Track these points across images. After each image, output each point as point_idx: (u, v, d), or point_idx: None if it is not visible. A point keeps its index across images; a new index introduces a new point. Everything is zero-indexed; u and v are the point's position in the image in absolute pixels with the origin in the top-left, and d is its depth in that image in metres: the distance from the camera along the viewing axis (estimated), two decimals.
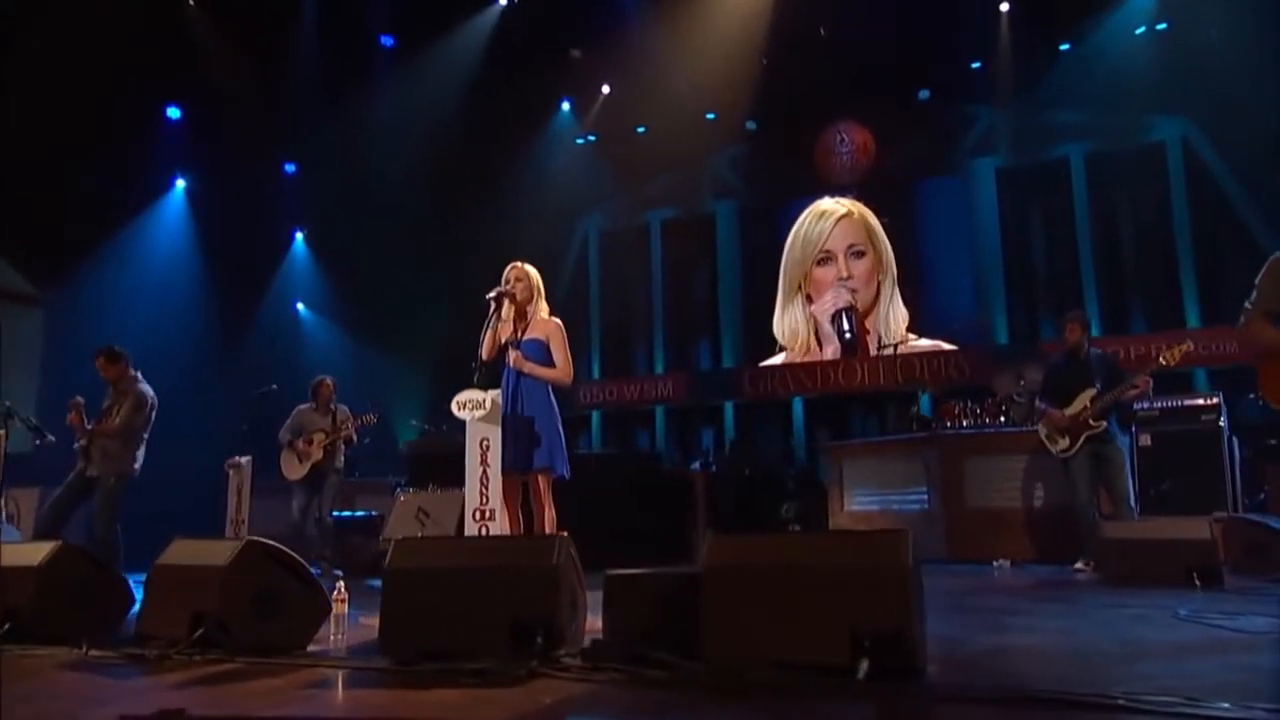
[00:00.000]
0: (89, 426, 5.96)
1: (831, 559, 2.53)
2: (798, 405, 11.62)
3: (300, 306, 12.99)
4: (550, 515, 4.25)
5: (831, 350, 11.21)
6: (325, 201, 11.69)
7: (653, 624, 2.84)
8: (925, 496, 6.74)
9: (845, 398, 11.32)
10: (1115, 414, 5.62)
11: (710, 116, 11.84)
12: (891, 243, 11.16)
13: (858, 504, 7.23)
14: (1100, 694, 2.11)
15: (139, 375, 6.17)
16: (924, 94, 11.09)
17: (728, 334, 12.17)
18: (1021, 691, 2.20)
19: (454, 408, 4.10)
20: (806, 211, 11.55)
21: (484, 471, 3.97)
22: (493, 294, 4.37)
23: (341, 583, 3.60)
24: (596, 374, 12.79)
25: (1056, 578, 5.37)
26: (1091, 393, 5.62)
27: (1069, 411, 5.66)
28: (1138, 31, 10.11)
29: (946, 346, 10.66)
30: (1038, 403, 5.94)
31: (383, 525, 7.98)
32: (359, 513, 8.13)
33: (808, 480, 9.47)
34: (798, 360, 11.31)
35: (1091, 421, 5.56)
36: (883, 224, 11.18)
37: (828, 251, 11.33)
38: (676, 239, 12.56)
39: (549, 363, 4.39)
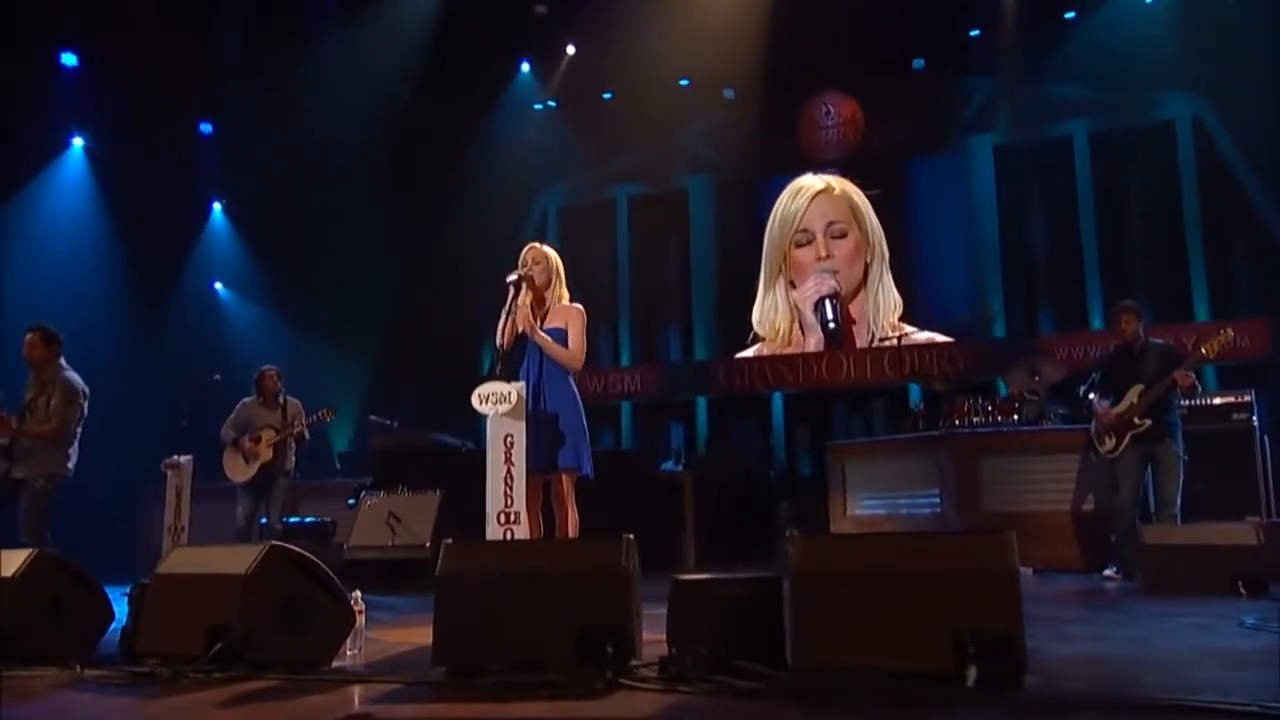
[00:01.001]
0: (14, 425, 5.87)
1: (933, 561, 2.69)
2: (777, 401, 11.86)
3: (218, 286, 12.80)
4: (574, 519, 4.37)
5: (814, 341, 11.46)
6: (249, 168, 11.54)
7: (725, 631, 2.97)
8: (937, 500, 7.00)
9: (829, 393, 11.60)
10: (1167, 413, 5.90)
11: (684, 83, 11.99)
12: (881, 221, 11.43)
13: (862, 508, 7.47)
14: (1236, 702, 2.29)
15: (65, 363, 6.08)
16: (918, 63, 11.39)
17: (701, 323, 12.35)
18: (1169, 699, 2.36)
19: (474, 401, 4.17)
20: (786, 189, 11.78)
21: (508, 471, 4.06)
22: (512, 277, 4.47)
23: (358, 592, 3.67)
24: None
25: (1088, 586, 5.65)
26: (1139, 389, 5.92)
27: (1117, 409, 5.96)
28: (1148, 0, 10.53)
29: (940, 338, 10.98)
30: (1090, 397, 6.21)
31: (335, 532, 8.02)
32: (307, 519, 8.11)
33: (798, 482, 9.70)
34: (779, 352, 11.54)
35: (1136, 420, 5.85)
36: (870, 198, 11.42)
37: (805, 231, 11.56)
38: (645, 217, 12.69)
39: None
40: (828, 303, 11.32)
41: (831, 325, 11.32)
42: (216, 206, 12.99)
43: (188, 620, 3.28)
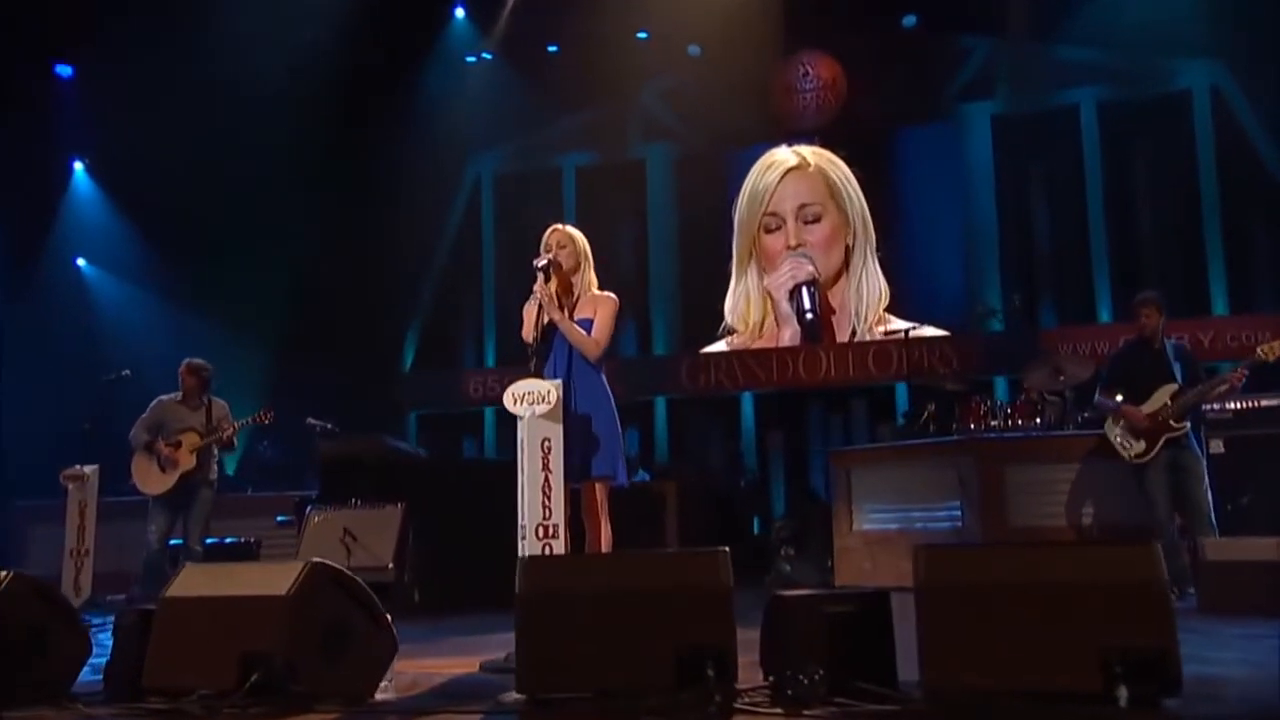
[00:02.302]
0: None
1: (1075, 575, 2.94)
2: (747, 402, 12.16)
3: (81, 263, 12.56)
4: (608, 534, 4.54)
5: (790, 334, 11.77)
6: (118, 120, 11.34)
7: (832, 651, 3.19)
8: (958, 513, 7.32)
9: (806, 393, 11.94)
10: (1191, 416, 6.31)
11: (642, 36, 12.18)
12: (866, 197, 11.76)
13: (871, 522, 7.77)
14: None
15: None
16: (908, 20, 11.74)
17: (660, 312, 12.58)
18: None
19: (508, 401, 4.31)
20: (756, 164, 12.04)
21: (546, 479, 4.21)
22: (541, 262, 4.61)
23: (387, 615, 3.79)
24: (491, 361, 12.97)
25: None
26: (1172, 388, 6.27)
27: (1145, 409, 6.31)
28: None
29: (931, 331, 11.36)
30: (1097, 397, 6.58)
31: (259, 554, 8.04)
32: (227, 539, 8.11)
33: (794, 494, 10.01)
34: (752, 346, 11.82)
35: (1173, 422, 6.23)
36: (855, 173, 11.74)
37: (774, 214, 11.84)
38: (596, 190, 12.86)
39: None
40: (805, 291, 11.62)
41: (809, 316, 11.63)
42: (78, 166, 12.73)
43: (212, 649, 3.36)
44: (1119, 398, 6.51)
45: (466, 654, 4.51)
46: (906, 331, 9.62)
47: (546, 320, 4.66)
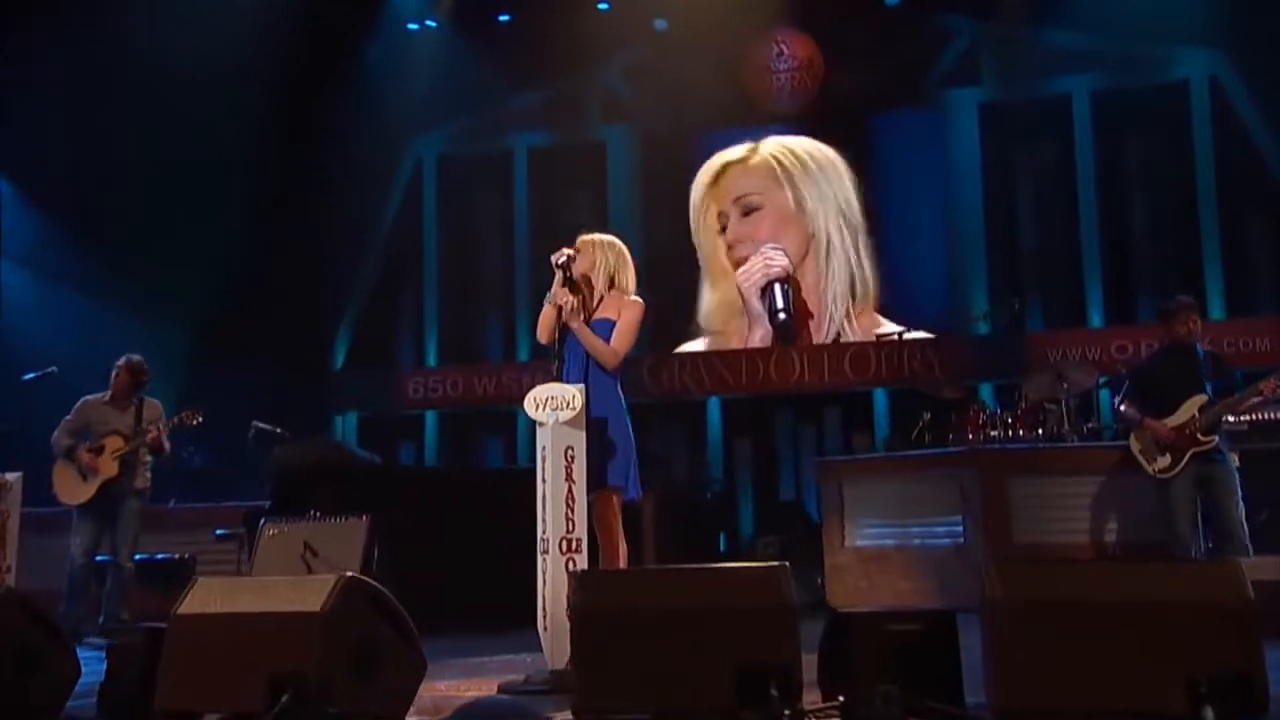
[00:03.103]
0: None
1: (1158, 593, 3.16)
2: (714, 408, 12.35)
3: None
4: (623, 548, 4.70)
5: (761, 335, 11.98)
6: (27, 107, 11.22)
7: (896, 670, 3.38)
8: (960, 529, 7.59)
9: (776, 399, 12.17)
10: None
11: (603, 7, 12.32)
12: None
13: (865, 537, 8.00)
14: None
15: None
16: None
17: None
18: None
19: (529, 406, 4.46)
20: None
21: (569, 490, 4.36)
22: (560, 258, 4.74)
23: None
24: (432, 360, 13.04)
25: None
26: (1201, 399, 6.55)
27: (1172, 422, 6.59)
28: None
29: (912, 333, 11.61)
30: (1122, 408, 6.86)
31: (195, 571, 8.03)
32: (158, 555, 8.12)
33: (774, 507, 10.23)
34: (722, 348, 12.01)
35: (1200, 436, 6.51)
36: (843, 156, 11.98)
37: (720, 214, 12.09)
38: (551, 174, 12.97)
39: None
40: (777, 288, 11.82)
41: (782, 316, 11.83)
42: None
43: (235, 668, 3.46)
44: (1125, 409, 6.82)
45: (472, 676, 4.63)
46: (900, 334, 9.86)
47: (563, 320, 4.77)
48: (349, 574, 3.57)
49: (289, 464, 7.46)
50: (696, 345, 12.22)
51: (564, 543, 4.34)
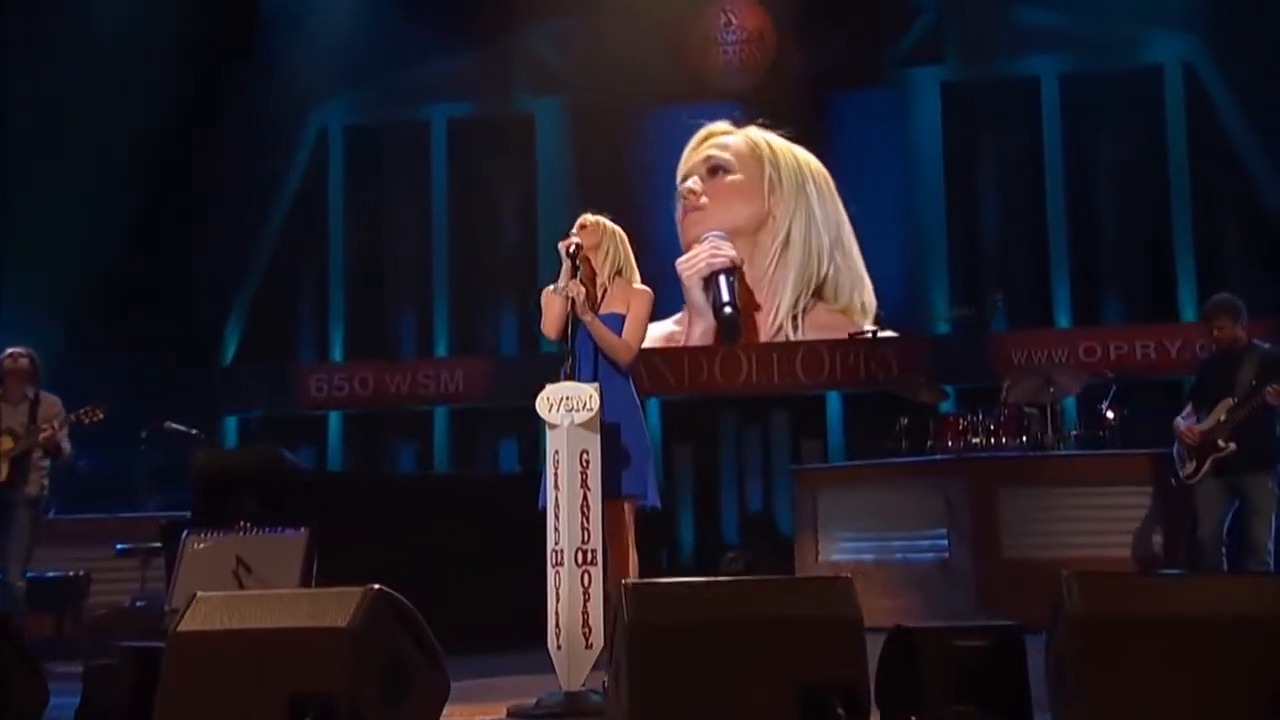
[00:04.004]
0: None
1: (1247, 607, 3.36)
2: (652, 410, 12.42)
3: None
4: (634, 560, 4.81)
5: (703, 330, 12.11)
6: None
7: (962, 690, 3.55)
8: (945, 542, 7.83)
9: (720, 401, 12.33)
10: (1262, 439, 6.90)
11: None
12: None
13: (842, 552, 8.21)
14: None
15: None
16: None
17: None
18: None
19: (541, 407, 4.54)
20: None
21: (584, 498, 4.45)
22: (569, 245, 4.82)
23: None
24: (338, 354, 12.96)
25: None
26: (1229, 403, 6.90)
27: (1202, 427, 6.94)
28: None
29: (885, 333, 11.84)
30: (1179, 420, 7.17)
31: (89, 591, 7.96)
32: (49, 573, 8.01)
33: (750, 520, 10.38)
34: (670, 344, 12.14)
35: (1220, 441, 6.85)
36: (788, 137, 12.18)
37: (686, 175, 12.21)
38: (473, 148, 12.98)
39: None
40: (722, 279, 11.94)
41: (727, 310, 11.96)
42: None
43: (249, 690, 3.49)
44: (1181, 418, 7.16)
45: (476, 699, 4.69)
46: (874, 333, 10.09)
47: (571, 312, 4.85)
48: (376, 586, 3.61)
49: (214, 470, 7.40)
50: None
51: (579, 554, 4.44)
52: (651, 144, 12.42)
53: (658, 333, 12.22)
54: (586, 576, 4.41)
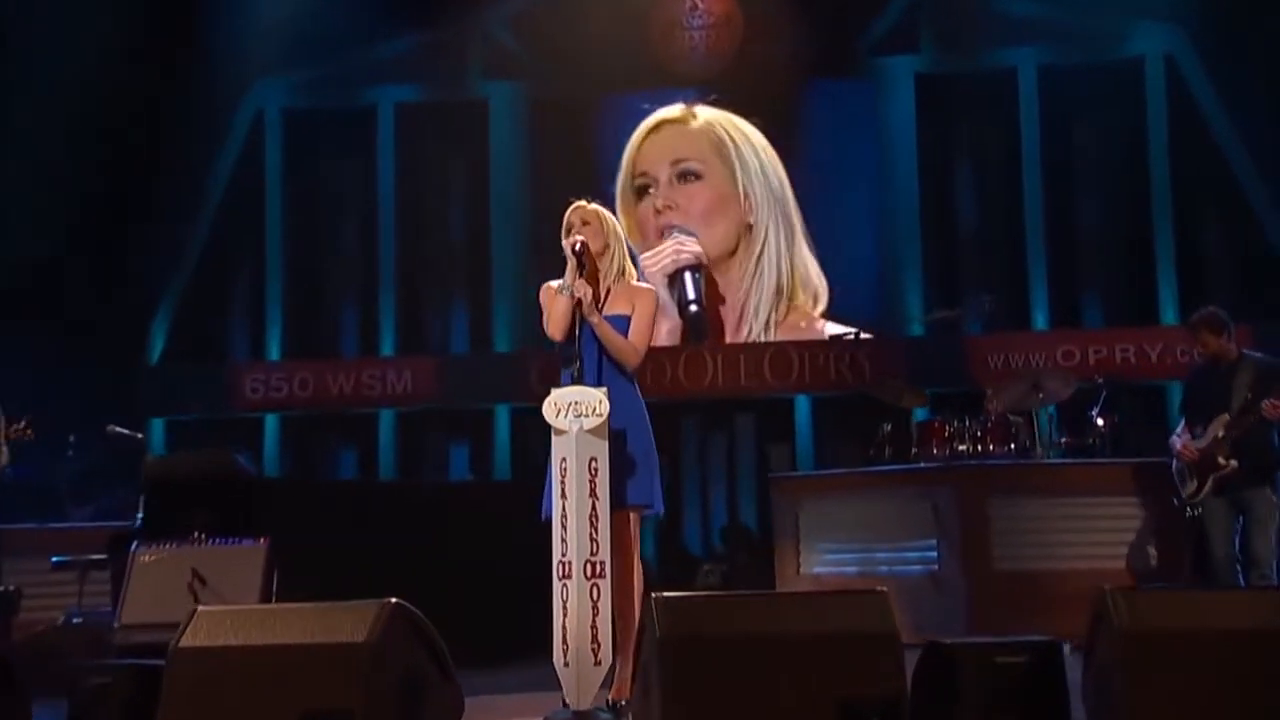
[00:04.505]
0: None
1: None
2: None
3: None
4: (639, 572, 4.89)
5: (667, 330, 12.17)
6: None
7: (998, 706, 3.65)
8: (934, 554, 7.93)
9: (683, 404, 12.40)
10: (1263, 452, 7.03)
11: None
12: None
13: (824, 564, 8.30)
14: None
15: None
16: None
17: (504, 298, 12.74)
18: None
19: (548, 412, 4.59)
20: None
21: (593, 507, 4.49)
22: (575, 243, 4.85)
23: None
24: (275, 352, 12.88)
25: None
26: (1225, 419, 7.03)
27: (1200, 444, 7.08)
28: None
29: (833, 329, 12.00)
30: (1175, 437, 7.31)
31: (19, 606, 7.87)
32: None
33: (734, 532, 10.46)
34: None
35: (1220, 459, 6.99)
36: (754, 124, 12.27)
37: (644, 174, 12.28)
38: (422, 135, 12.96)
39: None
40: (688, 276, 12.04)
41: (693, 308, 12.05)
42: None
43: (257, 707, 3.53)
44: (1176, 436, 7.32)
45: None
46: (857, 334, 10.20)
47: (578, 314, 4.88)
48: (393, 600, 3.65)
49: (165, 477, 7.35)
50: None
51: (588, 566, 4.48)
52: (612, 132, 12.45)
53: None
54: (595, 590, 4.45)
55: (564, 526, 4.55)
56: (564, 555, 4.53)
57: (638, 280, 5.32)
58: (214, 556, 6.83)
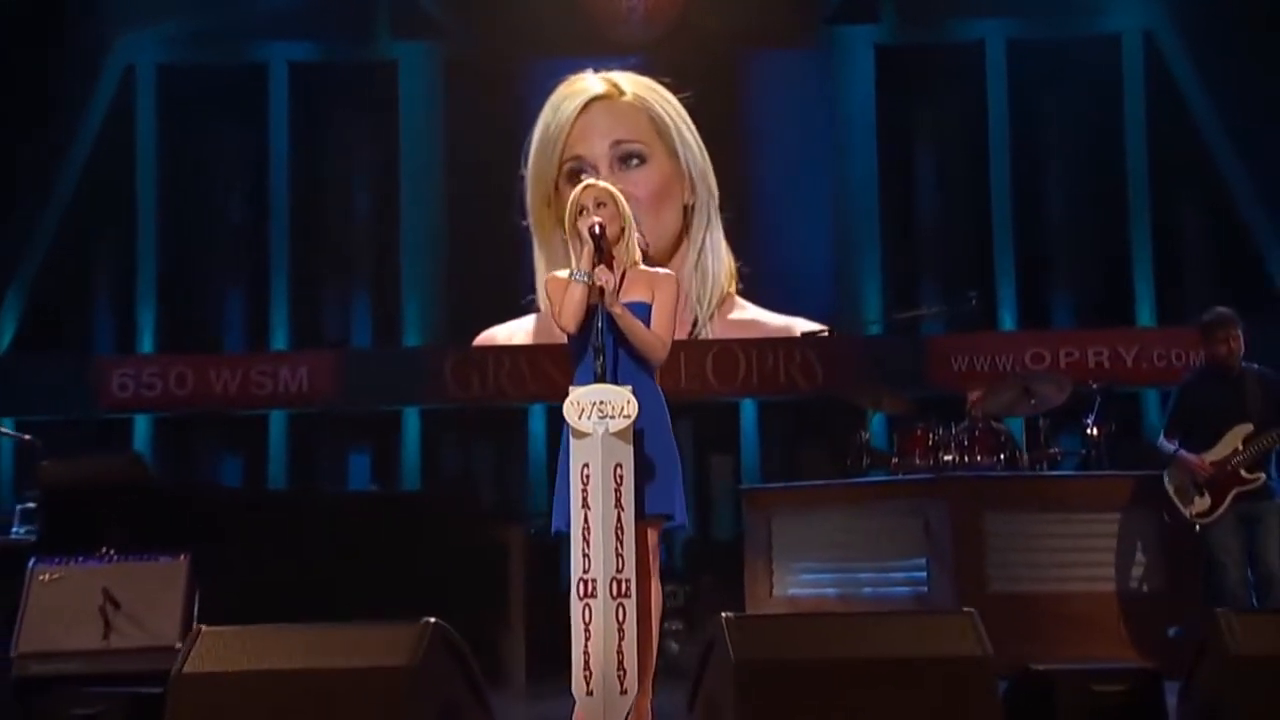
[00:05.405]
0: None
1: None
2: (537, 418, 12.46)
3: None
4: (658, 589, 4.89)
5: None
6: None
7: None
8: (923, 574, 7.96)
9: None
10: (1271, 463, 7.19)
11: None
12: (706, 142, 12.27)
13: (801, 585, 8.28)
14: None
15: None
16: None
17: (414, 288, 12.71)
18: None
19: (570, 413, 4.56)
20: (551, 96, 12.31)
21: (619, 519, 4.46)
22: (593, 225, 4.82)
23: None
24: (147, 345, 12.66)
25: None
26: (1246, 430, 7.13)
27: (1212, 456, 7.18)
28: None
29: (803, 325, 12.03)
30: (1160, 440, 7.43)
31: None
32: None
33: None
34: (555, 339, 12.11)
35: (1244, 473, 7.10)
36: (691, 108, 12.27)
37: (579, 157, 12.21)
38: (321, 99, 12.92)
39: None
40: None
41: None
42: None
43: None
44: (1165, 444, 7.40)
45: None
46: (831, 330, 10.26)
47: (595, 301, 4.85)
48: (433, 620, 3.62)
49: (67, 485, 7.18)
50: (526, 326, 12.30)
51: (614, 584, 4.44)
52: (539, 101, 12.34)
53: (526, 329, 12.31)
54: (621, 610, 4.41)
55: (586, 540, 4.50)
56: (586, 572, 4.48)
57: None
58: (127, 575, 6.70)
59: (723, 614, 3.70)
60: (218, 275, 12.95)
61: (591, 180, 5.22)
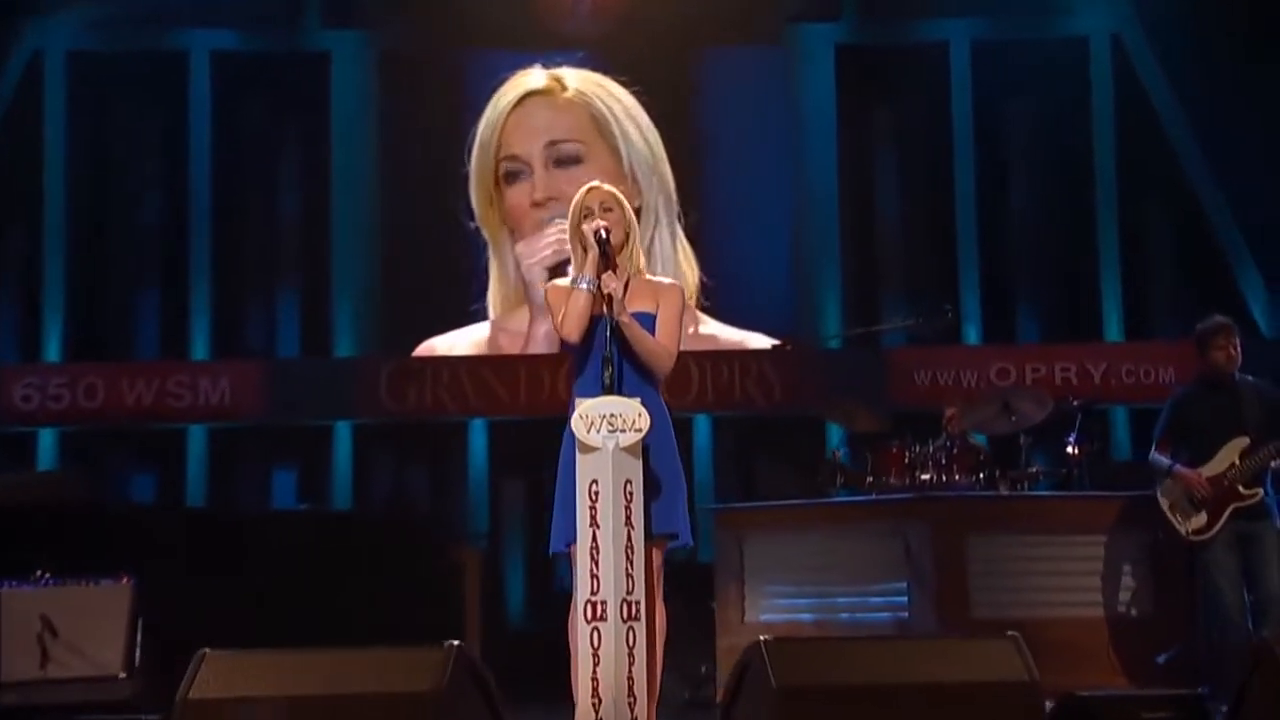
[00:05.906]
0: None
1: None
2: (477, 433, 12.45)
3: None
4: (663, 612, 4.92)
5: (545, 334, 12.15)
6: None
7: None
8: (904, 599, 8.08)
9: (561, 422, 12.33)
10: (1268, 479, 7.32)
11: None
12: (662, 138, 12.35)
13: (775, 610, 8.35)
14: None
15: None
16: None
17: (345, 292, 12.65)
18: None
19: (578, 426, 4.59)
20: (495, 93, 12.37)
21: (629, 538, 4.48)
22: (599, 229, 4.85)
23: None
24: (54, 352, 12.48)
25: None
26: (1242, 443, 7.27)
27: (1208, 471, 7.31)
28: None
29: (757, 340, 12.12)
30: (1151, 454, 7.54)
31: None
32: None
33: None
34: (500, 350, 12.14)
35: (1242, 488, 7.24)
36: (639, 97, 12.32)
37: (514, 157, 12.26)
38: (246, 91, 12.83)
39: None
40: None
41: None
42: None
43: None
44: (1158, 457, 7.52)
45: None
46: (787, 343, 10.35)
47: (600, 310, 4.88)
48: (456, 643, 3.64)
49: None
50: (469, 337, 12.30)
51: (625, 607, 4.47)
52: (479, 95, 12.35)
53: (469, 339, 12.31)
54: (631, 634, 4.44)
55: (594, 560, 4.52)
56: (594, 594, 4.50)
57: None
58: (65, 600, 6.69)
59: (761, 638, 3.73)
60: (132, 278, 12.75)
61: (596, 182, 5.22)
